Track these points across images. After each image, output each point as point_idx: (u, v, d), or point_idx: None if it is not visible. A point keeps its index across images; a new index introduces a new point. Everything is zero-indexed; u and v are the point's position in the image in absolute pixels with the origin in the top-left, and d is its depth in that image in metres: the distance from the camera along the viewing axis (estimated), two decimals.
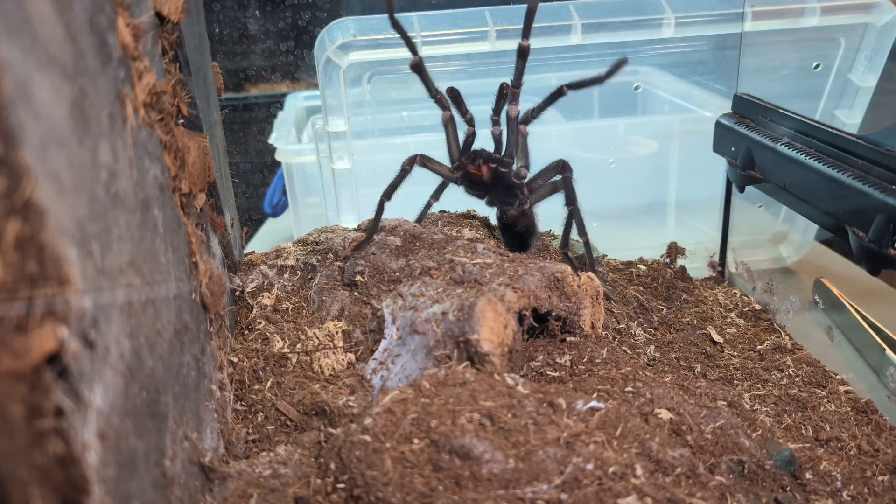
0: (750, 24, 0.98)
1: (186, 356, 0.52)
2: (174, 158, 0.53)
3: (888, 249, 0.64)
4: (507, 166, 0.80)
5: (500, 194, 0.83)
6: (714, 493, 0.50)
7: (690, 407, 0.61)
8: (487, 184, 0.82)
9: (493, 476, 0.46)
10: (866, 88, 1.00)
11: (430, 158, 0.80)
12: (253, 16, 1.72)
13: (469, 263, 0.71)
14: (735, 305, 0.94)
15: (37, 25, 0.32)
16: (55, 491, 0.31)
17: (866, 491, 0.58)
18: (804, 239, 1.13)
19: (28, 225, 0.29)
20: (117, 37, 0.43)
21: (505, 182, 0.81)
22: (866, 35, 0.99)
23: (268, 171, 1.69)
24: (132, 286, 0.41)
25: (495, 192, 0.83)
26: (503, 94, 0.77)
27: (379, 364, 0.66)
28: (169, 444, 0.45)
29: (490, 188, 0.83)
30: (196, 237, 0.57)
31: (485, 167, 0.80)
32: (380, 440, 0.49)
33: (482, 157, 0.80)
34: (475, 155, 0.80)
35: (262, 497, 0.51)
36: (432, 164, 0.80)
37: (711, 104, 1.06)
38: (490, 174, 0.80)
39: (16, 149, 0.29)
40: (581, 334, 0.72)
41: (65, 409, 0.31)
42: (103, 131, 0.39)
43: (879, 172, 0.67)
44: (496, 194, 0.84)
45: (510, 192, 0.82)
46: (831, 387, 0.75)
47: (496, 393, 0.53)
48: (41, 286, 0.30)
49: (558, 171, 0.78)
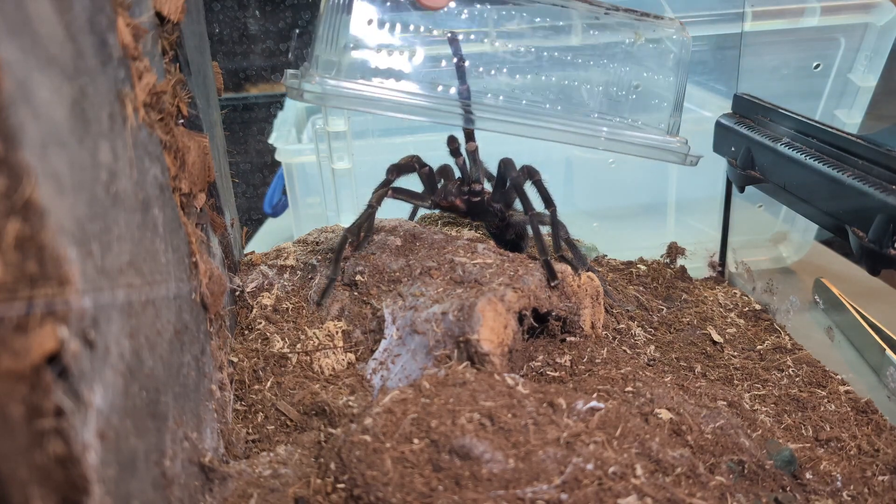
0: (750, 24, 0.98)
1: (186, 356, 0.52)
2: (174, 158, 0.53)
3: (888, 249, 0.64)
4: (479, 194, 0.80)
5: (479, 216, 0.84)
6: (714, 493, 0.50)
7: (690, 407, 0.61)
8: (464, 210, 0.83)
9: (493, 476, 0.46)
10: (866, 88, 1.00)
11: (402, 190, 0.79)
12: (253, 16, 1.72)
13: (469, 263, 0.71)
14: (735, 305, 0.94)
15: (37, 25, 0.32)
16: (55, 491, 0.31)
17: (866, 491, 0.58)
18: (804, 239, 1.13)
19: (28, 225, 0.29)
20: (117, 37, 0.43)
21: (481, 207, 0.82)
22: (866, 35, 0.98)
23: (268, 171, 1.68)
24: (132, 286, 0.41)
25: (473, 216, 0.84)
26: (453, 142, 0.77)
27: (379, 364, 0.66)
28: (169, 444, 0.45)
29: (467, 213, 0.84)
30: (196, 237, 0.57)
31: (457, 200, 0.81)
32: (380, 440, 0.49)
33: (452, 193, 0.81)
34: (445, 192, 0.81)
35: (262, 497, 0.51)
36: (404, 194, 0.80)
37: (711, 104, 1.06)
38: (464, 204, 0.81)
39: (16, 149, 0.29)
40: (581, 334, 0.72)
41: (65, 409, 0.31)
42: (103, 131, 0.39)
43: (879, 172, 0.67)
44: (475, 217, 0.85)
45: (488, 213, 0.82)
46: (831, 387, 0.75)
47: (496, 393, 0.53)
48: (41, 286, 0.30)
49: (526, 177, 0.77)
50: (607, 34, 0.75)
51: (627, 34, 0.75)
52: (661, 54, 0.76)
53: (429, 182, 0.82)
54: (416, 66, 0.69)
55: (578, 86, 0.75)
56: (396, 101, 0.67)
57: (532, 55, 0.73)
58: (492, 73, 0.72)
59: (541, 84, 0.74)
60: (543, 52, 0.74)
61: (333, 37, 0.66)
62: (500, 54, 0.72)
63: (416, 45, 0.69)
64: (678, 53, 0.76)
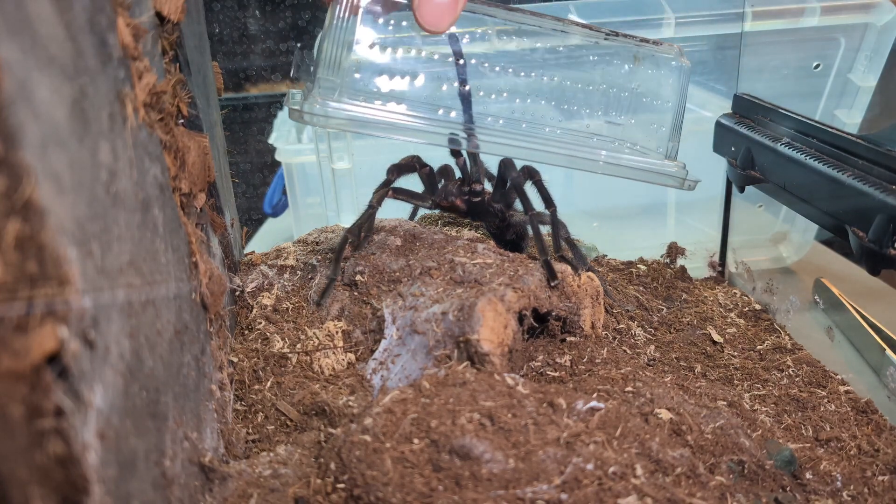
0: (750, 23, 0.98)
1: (186, 356, 0.52)
2: (174, 158, 0.53)
3: (888, 249, 0.64)
4: (479, 194, 0.81)
5: (479, 216, 0.84)
6: (714, 493, 0.50)
7: (690, 407, 0.61)
8: (464, 211, 0.83)
9: (493, 476, 0.46)
10: (866, 88, 1.00)
11: (403, 190, 0.80)
12: (253, 16, 1.72)
13: (469, 263, 0.71)
14: (735, 305, 0.94)
15: (37, 25, 0.32)
16: (55, 491, 0.31)
17: (866, 491, 0.58)
18: (804, 239, 1.13)
19: (28, 225, 0.29)
20: (117, 36, 0.43)
21: (481, 208, 0.82)
22: (866, 35, 0.99)
23: (268, 171, 1.69)
24: (132, 286, 0.41)
25: (474, 216, 0.85)
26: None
27: (379, 364, 0.66)
28: (169, 444, 0.45)
29: (467, 213, 0.84)
30: (196, 237, 0.57)
31: (458, 200, 0.81)
32: (380, 440, 0.49)
33: (453, 193, 0.81)
34: (445, 192, 0.81)
35: (262, 497, 0.51)
36: (405, 195, 0.80)
37: (711, 104, 1.06)
38: (464, 204, 0.82)
39: (16, 148, 0.29)
40: (581, 334, 0.72)
41: (65, 409, 0.31)
42: (103, 131, 0.39)
43: (879, 172, 0.67)
44: (475, 217, 0.85)
45: (488, 213, 0.83)
46: (831, 387, 0.75)
47: (496, 393, 0.53)
48: (41, 286, 0.30)
49: (527, 177, 0.77)
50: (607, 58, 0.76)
51: (627, 59, 0.76)
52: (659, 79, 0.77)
53: (429, 182, 0.82)
54: (418, 88, 0.70)
55: (578, 110, 0.75)
56: (398, 123, 0.67)
57: (532, 79, 0.74)
58: (492, 97, 0.73)
59: (540, 107, 0.74)
60: (543, 76, 0.74)
61: (336, 58, 0.66)
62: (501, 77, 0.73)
63: (418, 68, 0.70)
64: (677, 79, 0.77)
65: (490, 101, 0.73)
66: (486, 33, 0.73)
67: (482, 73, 0.72)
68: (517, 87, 0.74)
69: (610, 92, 0.76)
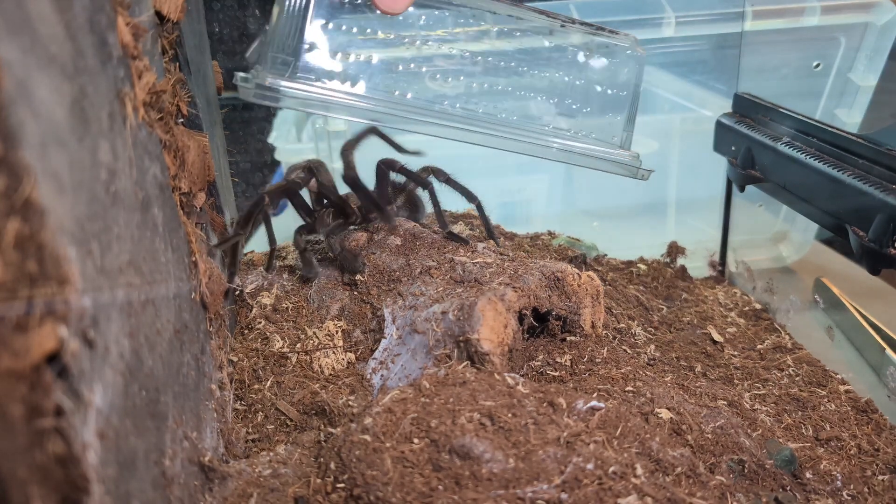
0: (750, 23, 0.98)
1: (186, 355, 0.52)
2: (174, 157, 0.53)
3: (888, 249, 0.64)
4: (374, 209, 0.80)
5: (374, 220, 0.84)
6: (714, 492, 0.50)
7: (690, 406, 0.61)
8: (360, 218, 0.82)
9: (493, 476, 0.46)
10: (866, 88, 1.00)
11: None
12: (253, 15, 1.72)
13: (469, 263, 0.71)
14: (735, 305, 0.94)
15: (37, 24, 0.32)
16: (55, 490, 0.31)
17: (866, 490, 0.59)
18: (804, 238, 1.13)
19: (28, 224, 0.29)
20: (117, 36, 0.43)
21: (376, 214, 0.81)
22: (866, 34, 0.99)
23: (268, 171, 1.68)
24: (132, 285, 0.41)
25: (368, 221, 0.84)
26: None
27: (379, 363, 0.66)
28: (169, 444, 0.45)
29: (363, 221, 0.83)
30: (196, 236, 0.57)
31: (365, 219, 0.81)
32: (380, 440, 0.49)
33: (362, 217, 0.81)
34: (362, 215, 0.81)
35: (261, 496, 0.51)
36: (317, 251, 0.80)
37: (712, 103, 1.06)
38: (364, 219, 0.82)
39: (16, 148, 0.29)
40: (581, 334, 0.72)
41: (65, 409, 0.31)
42: (103, 130, 0.39)
43: (880, 172, 0.67)
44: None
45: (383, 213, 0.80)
46: (831, 386, 0.75)
47: (496, 392, 0.53)
48: (41, 286, 0.30)
49: (440, 179, 0.77)
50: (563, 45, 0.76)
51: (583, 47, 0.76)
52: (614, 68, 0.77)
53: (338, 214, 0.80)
54: (372, 69, 0.69)
55: (535, 95, 0.75)
56: (349, 104, 0.66)
57: (489, 63, 0.74)
58: (448, 80, 0.72)
59: (497, 92, 0.74)
60: (500, 60, 0.74)
61: (289, 38, 0.65)
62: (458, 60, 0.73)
63: (372, 49, 0.69)
64: (632, 68, 0.77)
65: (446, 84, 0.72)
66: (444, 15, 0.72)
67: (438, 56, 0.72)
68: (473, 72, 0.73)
69: (565, 80, 0.76)
